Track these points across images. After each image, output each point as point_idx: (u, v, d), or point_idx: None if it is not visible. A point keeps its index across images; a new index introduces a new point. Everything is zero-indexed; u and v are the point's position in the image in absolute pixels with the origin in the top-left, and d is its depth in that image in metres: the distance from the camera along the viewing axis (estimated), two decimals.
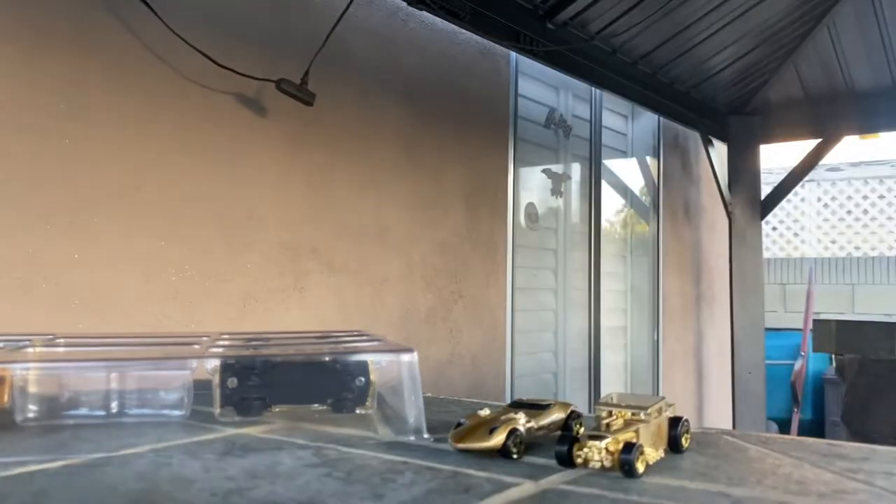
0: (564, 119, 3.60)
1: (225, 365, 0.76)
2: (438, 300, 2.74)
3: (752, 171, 4.60)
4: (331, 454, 0.68)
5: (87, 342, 1.01)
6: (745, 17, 3.68)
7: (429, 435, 0.75)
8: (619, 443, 0.61)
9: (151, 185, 1.86)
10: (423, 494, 0.56)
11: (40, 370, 0.76)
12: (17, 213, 1.62)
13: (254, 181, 2.10)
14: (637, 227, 4.32)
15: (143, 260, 1.83)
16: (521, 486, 0.58)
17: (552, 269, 3.52)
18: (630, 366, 4.21)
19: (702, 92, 4.32)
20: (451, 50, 2.83)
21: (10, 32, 1.62)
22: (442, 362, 2.76)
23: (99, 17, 1.77)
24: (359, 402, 0.80)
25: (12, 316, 1.59)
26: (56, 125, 1.69)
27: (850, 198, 7.79)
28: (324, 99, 2.18)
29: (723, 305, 4.91)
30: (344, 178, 2.37)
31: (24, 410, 0.75)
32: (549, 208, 3.52)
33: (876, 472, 0.63)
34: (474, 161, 2.94)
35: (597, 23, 3.25)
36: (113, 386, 0.77)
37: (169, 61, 1.89)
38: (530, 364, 3.34)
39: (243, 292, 2.06)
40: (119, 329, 1.76)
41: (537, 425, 0.71)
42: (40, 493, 0.56)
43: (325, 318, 2.28)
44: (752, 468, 0.65)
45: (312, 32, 2.20)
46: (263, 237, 2.11)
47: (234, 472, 0.62)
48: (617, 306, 4.09)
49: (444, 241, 2.77)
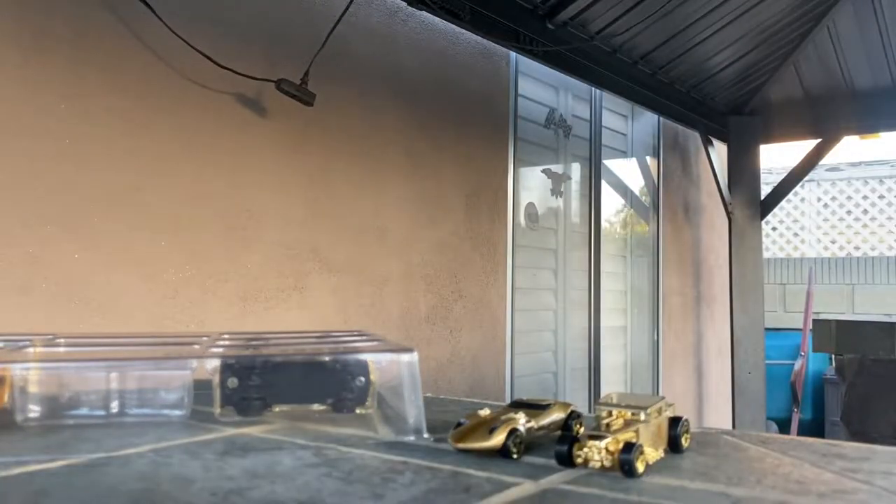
0: (564, 119, 3.60)
1: (225, 365, 0.76)
2: (438, 300, 2.74)
3: (752, 171, 4.60)
4: (331, 454, 0.68)
5: (87, 342, 1.01)
6: (745, 17, 3.68)
7: (429, 435, 0.75)
8: (619, 443, 0.61)
9: (151, 185, 1.86)
10: (423, 494, 0.56)
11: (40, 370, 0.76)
12: (18, 214, 1.62)
13: (254, 181, 2.10)
14: (637, 227, 4.32)
15: (143, 260, 1.83)
16: (521, 486, 0.58)
17: (552, 269, 3.52)
18: (630, 366, 4.21)
19: (702, 92, 4.32)
20: (450, 50, 2.83)
21: (10, 33, 1.62)
22: (442, 362, 2.76)
23: (99, 18, 1.77)
24: (359, 402, 0.80)
25: (12, 316, 1.59)
26: (56, 125, 1.69)
27: (850, 198, 7.79)
28: (324, 99, 2.18)
29: (723, 305, 4.91)
30: (344, 178, 2.37)
31: (25, 410, 0.75)
32: (549, 208, 3.52)
33: (876, 472, 0.63)
34: (474, 161, 2.94)
35: (597, 23, 3.26)
36: (113, 386, 0.77)
37: (169, 61, 1.89)
38: (530, 364, 3.34)
39: (243, 292, 2.06)
40: (119, 329, 1.76)
41: (537, 425, 0.71)
42: (40, 493, 0.56)
43: (325, 318, 2.28)
44: (752, 468, 0.65)
45: (312, 32, 2.20)
46: (263, 237, 2.12)
47: (234, 471, 0.62)
48: (617, 306, 4.09)
49: (444, 241, 2.77)
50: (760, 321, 4.51)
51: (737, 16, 3.63)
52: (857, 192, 7.77)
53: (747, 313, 4.48)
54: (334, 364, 0.80)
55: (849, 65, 4.27)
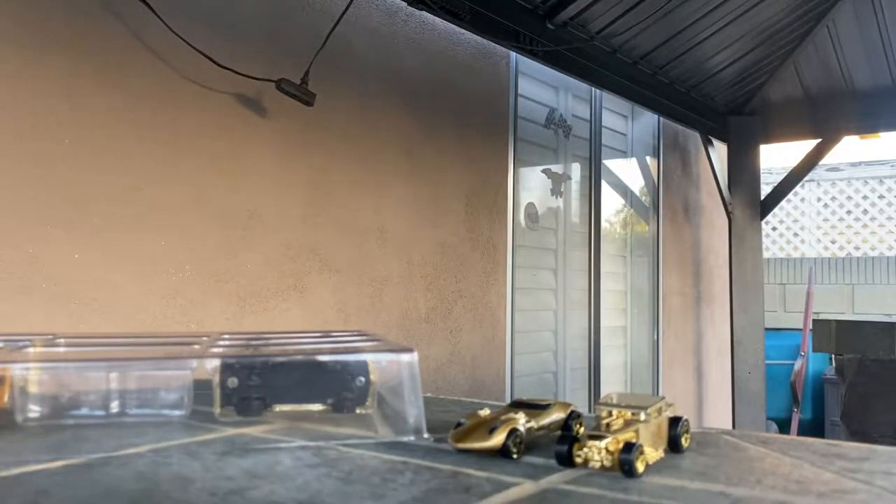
0: (564, 119, 3.60)
1: (225, 365, 0.76)
2: (438, 300, 2.74)
3: (752, 171, 4.60)
4: (331, 454, 0.68)
5: (87, 342, 1.01)
6: (745, 17, 3.68)
7: (429, 435, 0.75)
8: (619, 443, 0.61)
9: (151, 185, 1.86)
10: (423, 494, 0.56)
11: (40, 370, 0.76)
12: (18, 214, 1.62)
13: (254, 181, 2.10)
14: (637, 227, 4.32)
15: (143, 260, 1.83)
16: (521, 486, 0.58)
17: (552, 269, 3.52)
18: (630, 366, 4.21)
19: (702, 92, 4.32)
20: (451, 50, 2.83)
21: (10, 33, 1.62)
22: (442, 362, 2.76)
23: (99, 18, 1.77)
24: (359, 402, 0.80)
25: (12, 316, 1.59)
26: (56, 126, 1.69)
27: (850, 198, 7.79)
28: (324, 99, 2.18)
29: (723, 305, 4.91)
30: (344, 178, 2.37)
31: (25, 410, 0.75)
32: (549, 208, 3.52)
33: (875, 472, 0.63)
34: (474, 161, 2.94)
35: (597, 23, 3.26)
36: (113, 386, 0.77)
37: (169, 61, 1.89)
38: (530, 364, 3.34)
39: (243, 292, 2.06)
40: (119, 329, 1.76)
41: (537, 425, 0.71)
42: (40, 493, 0.56)
43: (325, 318, 2.28)
44: (752, 468, 0.65)
45: (312, 32, 2.20)
46: (263, 237, 2.11)
47: (233, 471, 0.62)
48: (617, 306, 4.09)
49: (444, 241, 2.77)
50: (760, 321, 4.51)
51: (737, 16, 3.63)
52: (857, 192, 7.77)
53: (747, 313, 4.48)
54: (334, 364, 0.80)
55: (849, 65, 4.27)
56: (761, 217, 4.61)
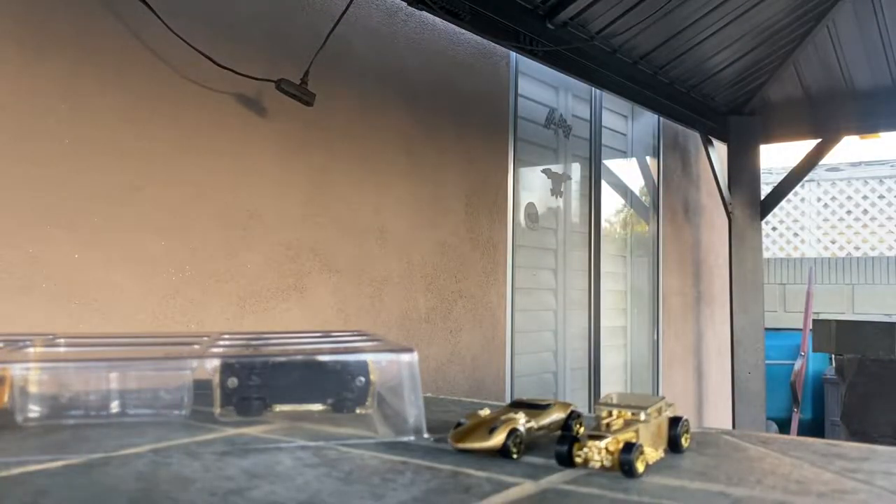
0: (564, 119, 3.60)
1: (225, 365, 0.76)
2: (438, 300, 2.74)
3: (752, 171, 4.60)
4: (330, 454, 0.68)
5: (87, 342, 1.01)
6: (745, 17, 3.68)
7: (429, 435, 0.75)
8: (619, 443, 0.61)
9: (151, 185, 1.86)
10: (423, 494, 0.56)
11: (40, 370, 0.76)
12: (18, 214, 1.62)
13: (254, 181, 2.10)
14: (637, 227, 4.32)
15: (143, 260, 1.83)
16: (521, 486, 0.58)
17: (552, 269, 3.52)
18: (630, 366, 4.21)
19: (702, 92, 4.32)
20: (450, 50, 2.83)
21: (10, 33, 1.62)
22: (442, 362, 2.76)
23: (99, 18, 1.77)
24: (359, 402, 0.80)
25: (12, 316, 1.59)
26: (56, 126, 1.69)
27: (850, 198, 7.79)
28: (324, 99, 2.18)
29: (723, 305, 4.91)
30: (344, 178, 2.37)
31: (25, 410, 0.75)
32: (549, 208, 3.52)
33: (875, 472, 0.63)
34: (474, 161, 2.94)
35: (597, 23, 3.26)
36: (113, 386, 0.77)
37: (169, 61, 1.89)
38: (530, 364, 3.34)
39: (243, 292, 2.06)
40: (119, 329, 1.76)
41: (537, 425, 0.71)
42: (40, 493, 0.56)
43: (325, 318, 2.28)
44: (752, 468, 0.65)
45: (312, 32, 2.20)
46: (263, 237, 2.12)
47: (233, 471, 0.62)
48: (617, 306, 4.09)
49: (444, 241, 2.77)
50: (760, 321, 4.51)
51: (737, 16, 3.63)
52: (857, 192, 7.77)
53: (747, 313, 4.48)
54: (334, 364, 0.80)
55: (849, 65, 4.27)
56: (761, 217, 4.61)
